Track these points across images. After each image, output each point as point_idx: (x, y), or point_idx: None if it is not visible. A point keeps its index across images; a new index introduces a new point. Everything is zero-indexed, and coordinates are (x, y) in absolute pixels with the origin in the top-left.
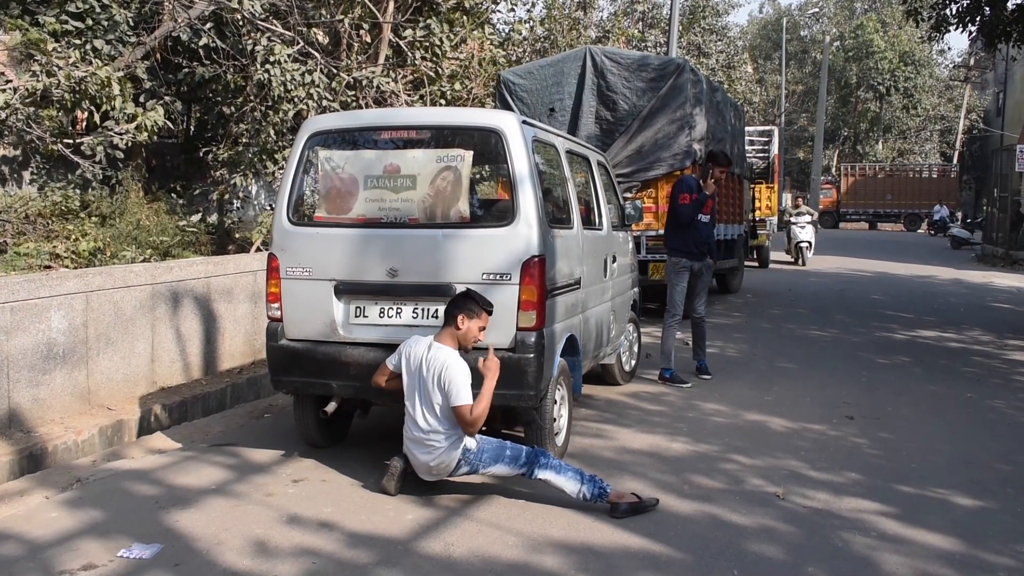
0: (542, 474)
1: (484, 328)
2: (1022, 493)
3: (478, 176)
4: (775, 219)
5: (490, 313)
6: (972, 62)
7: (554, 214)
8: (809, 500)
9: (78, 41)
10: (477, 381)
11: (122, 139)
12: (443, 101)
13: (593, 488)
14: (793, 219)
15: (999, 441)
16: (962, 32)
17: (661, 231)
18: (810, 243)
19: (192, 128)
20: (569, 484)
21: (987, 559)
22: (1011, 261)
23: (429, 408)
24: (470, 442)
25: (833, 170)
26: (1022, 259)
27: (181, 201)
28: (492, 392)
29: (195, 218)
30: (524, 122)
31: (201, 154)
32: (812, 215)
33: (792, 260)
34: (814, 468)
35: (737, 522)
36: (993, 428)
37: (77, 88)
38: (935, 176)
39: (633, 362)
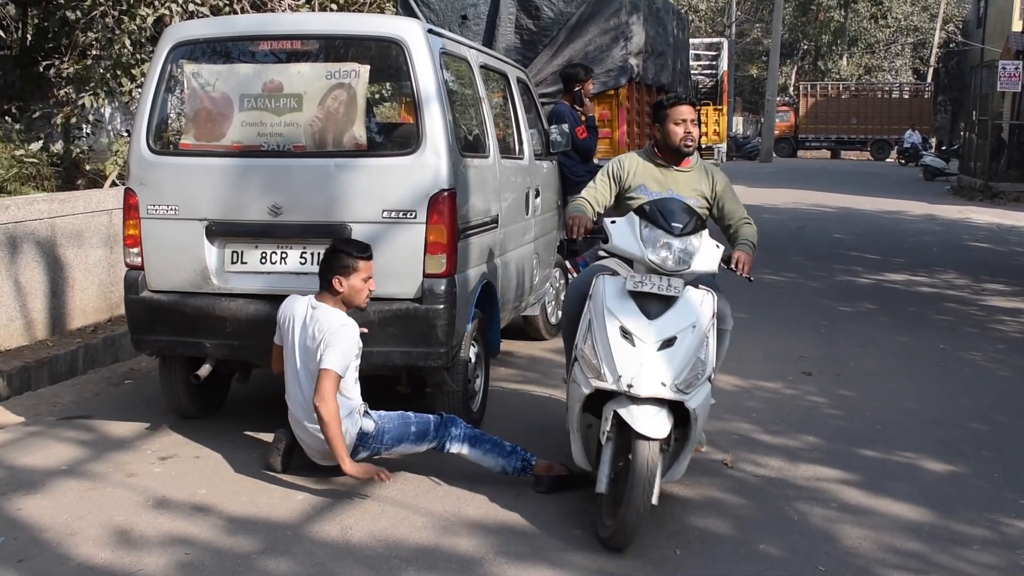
0: (456, 448)
1: (370, 277)
2: (998, 456)
3: (377, 96)
4: (723, 146)
5: (369, 258)
6: None
7: (466, 140)
8: (761, 468)
9: None
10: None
11: None
12: (334, 6)
13: (516, 462)
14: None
15: (974, 398)
16: None
17: None
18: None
19: (29, 37)
20: (488, 459)
21: (959, 530)
22: (991, 194)
23: (311, 379)
24: (367, 424)
25: (791, 90)
26: (1003, 192)
27: (17, 126)
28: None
29: (35, 146)
30: (430, 31)
31: (41, 69)
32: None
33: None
34: (767, 431)
35: (679, 494)
36: (967, 383)
37: None
38: (906, 97)
39: (559, 313)
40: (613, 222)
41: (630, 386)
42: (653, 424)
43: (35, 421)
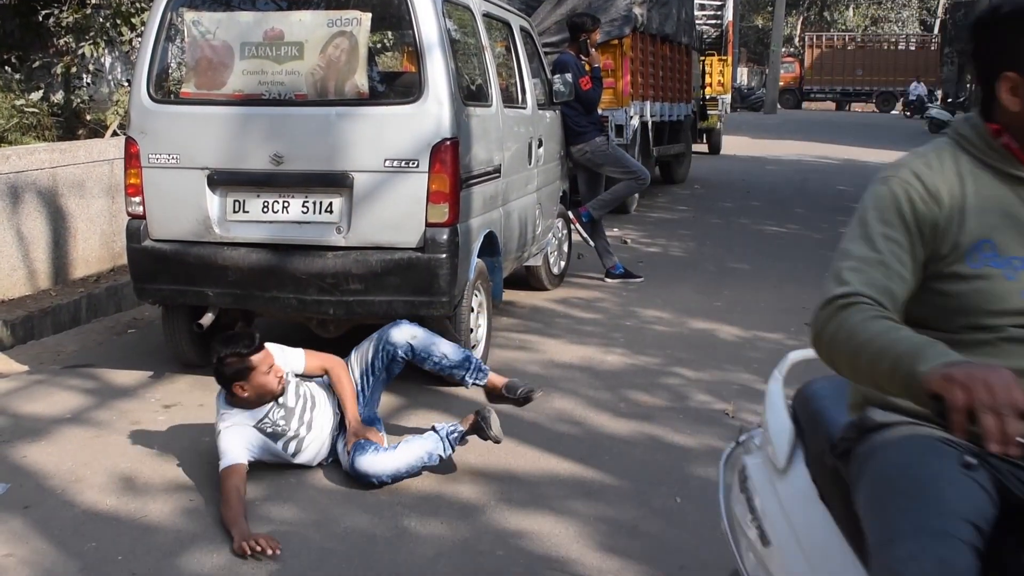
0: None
1: (272, 364)
2: None
3: (379, 44)
4: (728, 97)
5: (260, 349)
6: None
7: (469, 89)
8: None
9: None
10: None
11: None
12: None
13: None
14: None
15: None
16: None
17: None
18: None
19: None
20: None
21: None
22: None
23: None
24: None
25: (796, 41)
26: None
27: (17, 76)
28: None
29: (35, 96)
30: None
31: (40, 18)
32: None
33: None
34: (768, 382)
35: (680, 443)
36: None
37: None
38: (913, 48)
39: (563, 263)
40: None
41: None
42: None
43: (39, 370)
